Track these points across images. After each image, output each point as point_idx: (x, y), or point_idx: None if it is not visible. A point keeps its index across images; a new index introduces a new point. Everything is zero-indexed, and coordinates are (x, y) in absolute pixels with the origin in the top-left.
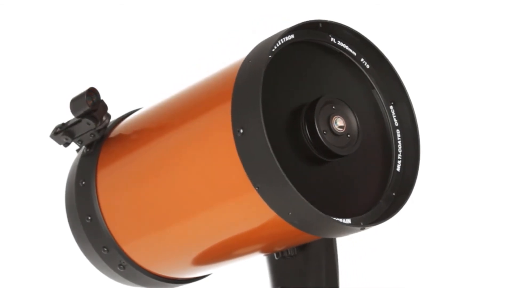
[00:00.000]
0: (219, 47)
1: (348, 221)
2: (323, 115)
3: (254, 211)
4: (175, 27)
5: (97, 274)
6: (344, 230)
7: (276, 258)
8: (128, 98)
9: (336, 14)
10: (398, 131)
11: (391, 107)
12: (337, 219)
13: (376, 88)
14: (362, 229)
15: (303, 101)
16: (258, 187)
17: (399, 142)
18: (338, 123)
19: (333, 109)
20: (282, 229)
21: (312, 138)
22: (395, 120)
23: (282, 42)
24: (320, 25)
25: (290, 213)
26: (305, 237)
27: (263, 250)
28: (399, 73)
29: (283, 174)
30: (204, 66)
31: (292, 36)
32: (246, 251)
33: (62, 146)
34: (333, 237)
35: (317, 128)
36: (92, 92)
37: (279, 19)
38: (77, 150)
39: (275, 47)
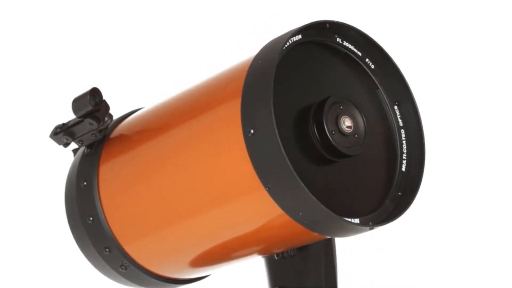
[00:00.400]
0: (219, 47)
1: (357, 221)
2: (331, 115)
3: (263, 211)
4: (175, 27)
5: (96, 275)
6: (354, 230)
7: (276, 258)
8: (128, 98)
9: (336, 14)
10: (402, 131)
11: (395, 107)
12: (348, 219)
13: (380, 88)
14: (371, 228)
15: (310, 101)
16: (269, 187)
17: (404, 142)
18: (346, 123)
19: (341, 109)
20: (291, 230)
21: (321, 138)
22: (400, 120)
23: (290, 42)
24: (327, 25)
25: (300, 213)
26: (312, 237)
27: (268, 251)
28: (403, 74)
29: (296, 175)
30: (204, 66)
31: (300, 36)
32: (252, 252)
33: (61, 146)
34: (342, 237)
35: (326, 128)
36: (94, 92)
37: (279, 19)
38: (73, 150)
39: (284, 47)
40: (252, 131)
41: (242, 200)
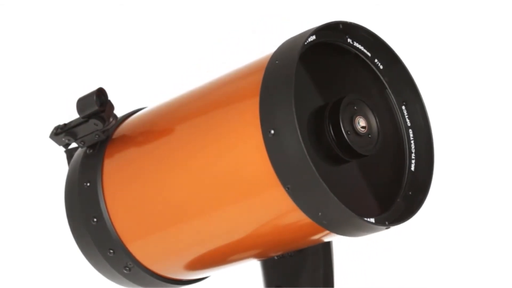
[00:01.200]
0: (219, 47)
1: (372, 220)
2: (346, 116)
3: (280, 211)
4: (175, 27)
5: (95, 277)
6: (370, 229)
7: (275, 258)
8: (128, 98)
9: (336, 14)
10: (410, 131)
11: (403, 107)
12: (366, 218)
13: (388, 89)
14: (387, 228)
15: (323, 102)
16: (289, 188)
17: (412, 141)
18: (361, 123)
19: (355, 109)
20: (307, 230)
21: (337, 138)
22: (408, 120)
23: (306, 43)
24: (341, 26)
25: (320, 214)
26: (321, 238)
27: (278, 250)
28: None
29: (318, 176)
30: (204, 66)
31: (314, 37)
32: (262, 252)
33: (60, 147)
34: (357, 236)
35: (342, 129)
36: (100, 92)
37: (279, 19)
38: (67, 151)
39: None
40: (272, 131)
41: (259, 200)
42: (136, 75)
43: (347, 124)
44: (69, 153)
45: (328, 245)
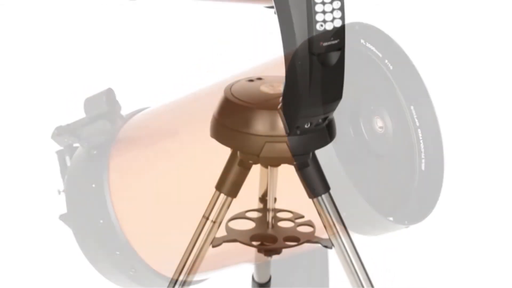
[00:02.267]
0: (219, 47)
1: (391, 219)
2: (365, 116)
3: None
4: (175, 27)
5: (92, 278)
6: (390, 228)
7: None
8: (128, 98)
9: None
10: (419, 131)
11: (412, 107)
12: (389, 218)
13: (398, 89)
14: (406, 227)
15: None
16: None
17: (421, 141)
18: (378, 123)
19: (372, 109)
20: None
21: (356, 138)
22: (416, 120)
23: None
24: (357, 27)
25: (344, 214)
26: None
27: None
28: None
29: (347, 178)
30: (204, 66)
31: None
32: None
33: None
34: (376, 235)
35: (362, 128)
36: (109, 93)
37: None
38: (59, 152)
39: None
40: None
41: None
42: (136, 75)
43: (366, 124)
44: (61, 154)
45: None
